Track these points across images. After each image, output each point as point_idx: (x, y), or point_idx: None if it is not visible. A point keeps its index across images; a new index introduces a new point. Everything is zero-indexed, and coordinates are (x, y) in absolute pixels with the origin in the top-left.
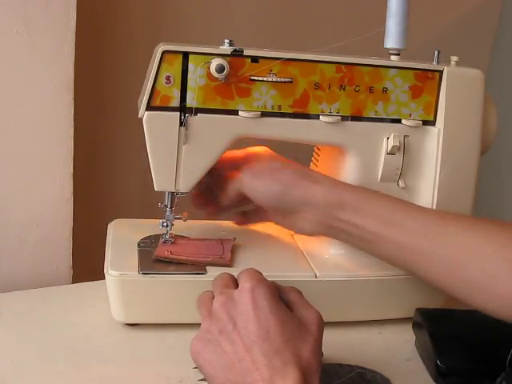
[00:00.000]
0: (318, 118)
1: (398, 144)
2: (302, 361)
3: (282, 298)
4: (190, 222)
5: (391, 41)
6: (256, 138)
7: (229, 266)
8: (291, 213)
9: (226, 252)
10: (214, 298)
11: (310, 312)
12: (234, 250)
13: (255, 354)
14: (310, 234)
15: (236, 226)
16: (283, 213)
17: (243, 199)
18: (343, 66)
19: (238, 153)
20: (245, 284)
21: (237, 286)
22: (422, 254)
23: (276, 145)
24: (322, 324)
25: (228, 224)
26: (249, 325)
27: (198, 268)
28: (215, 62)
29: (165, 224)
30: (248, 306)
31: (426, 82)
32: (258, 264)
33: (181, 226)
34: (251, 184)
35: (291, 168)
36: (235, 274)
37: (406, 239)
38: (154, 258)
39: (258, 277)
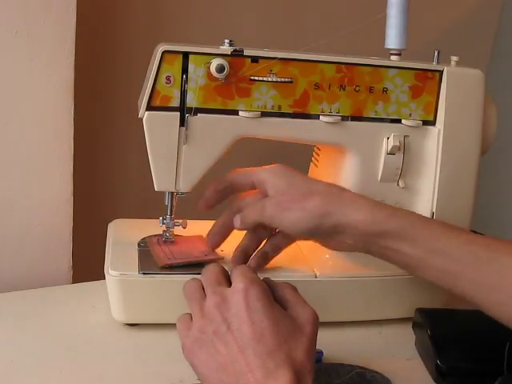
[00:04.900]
0: (318, 118)
1: (398, 144)
2: (295, 362)
3: (276, 295)
4: (189, 222)
5: (392, 41)
6: (256, 137)
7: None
8: (326, 238)
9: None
10: (203, 289)
11: (304, 310)
12: (234, 251)
13: (249, 355)
14: (346, 251)
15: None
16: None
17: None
18: (343, 66)
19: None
20: (238, 284)
21: (229, 280)
22: (471, 282)
23: (276, 145)
24: (317, 323)
25: None
26: (242, 326)
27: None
28: (215, 62)
29: (165, 221)
30: (241, 307)
31: (426, 81)
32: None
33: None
34: (278, 216)
35: (320, 191)
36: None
37: (452, 267)
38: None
39: (250, 276)
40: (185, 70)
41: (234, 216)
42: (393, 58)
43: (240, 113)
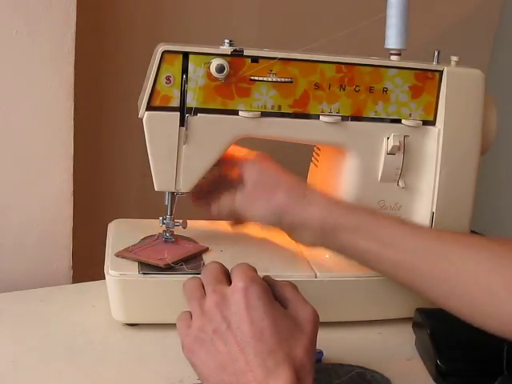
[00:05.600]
0: (318, 118)
1: (398, 144)
2: (295, 361)
3: (277, 293)
4: (191, 222)
5: (392, 41)
6: (256, 137)
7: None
8: (287, 230)
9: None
10: (203, 288)
11: (304, 309)
12: (234, 250)
13: (249, 354)
14: (306, 245)
15: (235, 229)
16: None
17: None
18: (343, 66)
19: (238, 153)
20: (238, 283)
21: (229, 278)
22: (421, 274)
23: (276, 145)
24: (317, 321)
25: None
26: (242, 325)
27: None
28: (215, 62)
29: (165, 221)
30: (241, 306)
31: (426, 81)
32: (258, 264)
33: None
34: (245, 207)
35: (284, 188)
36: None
37: (404, 258)
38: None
39: (251, 275)
40: (185, 70)
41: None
42: (393, 57)
43: (240, 113)
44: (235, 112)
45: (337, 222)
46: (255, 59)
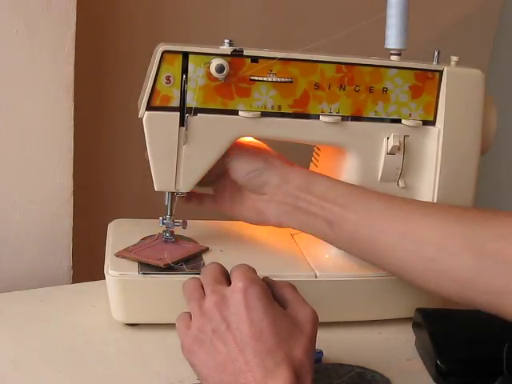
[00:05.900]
0: (318, 118)
1: (398, 144)
2: (294, 361)
3: (276, 294)
4: (191, 222)
5: (392, 41)
6: (256, 138)
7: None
8: (261, 190)
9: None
10: (203, 288)
11: (304, 310)
12: (234, 250)
13: (248, 354)
14: (270, 221)
15: (235, 228)
16: (253, 192)
17: (219, 178)
18: (343, 66)
19: None
20: (237, 283)
21: (228, 279)
22: (382, 231)
23: (276, 145)
24: (316, 322)
25: (230, 224)
26: (242, 325)
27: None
28: (215, 62)
29: (165, 221)
30: (241, 306)
31: (426, 81)
32: (258, 264)
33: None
34: (237, 155)
35: (277, 154)
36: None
37: (365, 218)
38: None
39: (250, 276)
40: (185, 70)
41: None
42: (393, 57)
43: (240, 113)
44: (235, 112)
45: (312, 183)
46: (255, 59)
